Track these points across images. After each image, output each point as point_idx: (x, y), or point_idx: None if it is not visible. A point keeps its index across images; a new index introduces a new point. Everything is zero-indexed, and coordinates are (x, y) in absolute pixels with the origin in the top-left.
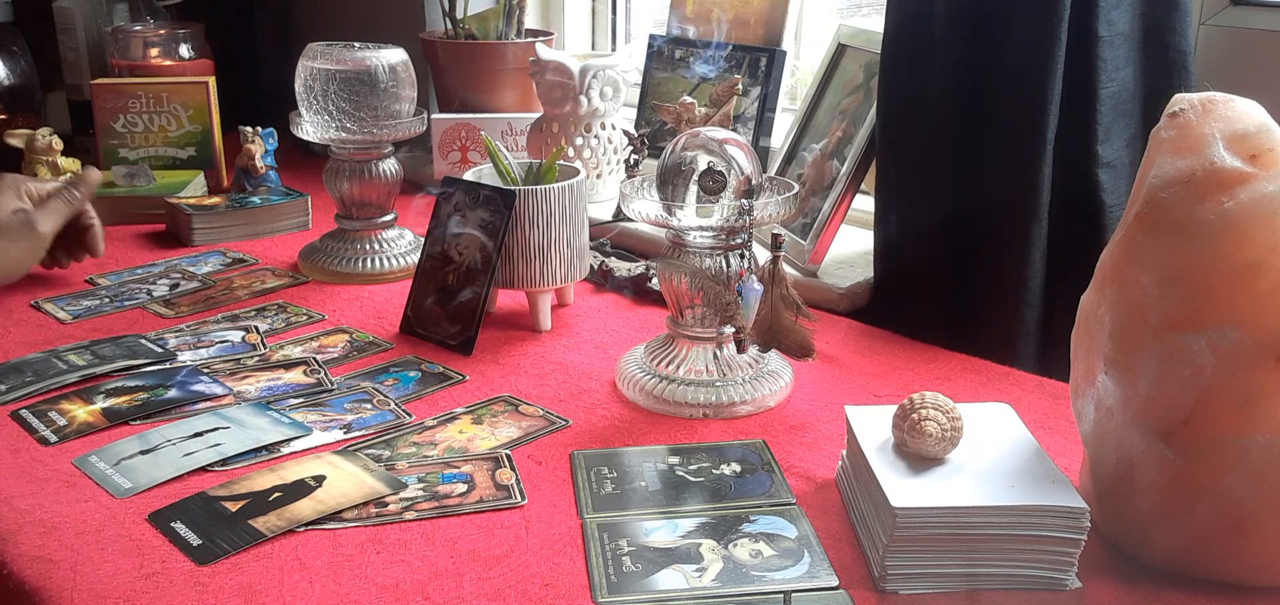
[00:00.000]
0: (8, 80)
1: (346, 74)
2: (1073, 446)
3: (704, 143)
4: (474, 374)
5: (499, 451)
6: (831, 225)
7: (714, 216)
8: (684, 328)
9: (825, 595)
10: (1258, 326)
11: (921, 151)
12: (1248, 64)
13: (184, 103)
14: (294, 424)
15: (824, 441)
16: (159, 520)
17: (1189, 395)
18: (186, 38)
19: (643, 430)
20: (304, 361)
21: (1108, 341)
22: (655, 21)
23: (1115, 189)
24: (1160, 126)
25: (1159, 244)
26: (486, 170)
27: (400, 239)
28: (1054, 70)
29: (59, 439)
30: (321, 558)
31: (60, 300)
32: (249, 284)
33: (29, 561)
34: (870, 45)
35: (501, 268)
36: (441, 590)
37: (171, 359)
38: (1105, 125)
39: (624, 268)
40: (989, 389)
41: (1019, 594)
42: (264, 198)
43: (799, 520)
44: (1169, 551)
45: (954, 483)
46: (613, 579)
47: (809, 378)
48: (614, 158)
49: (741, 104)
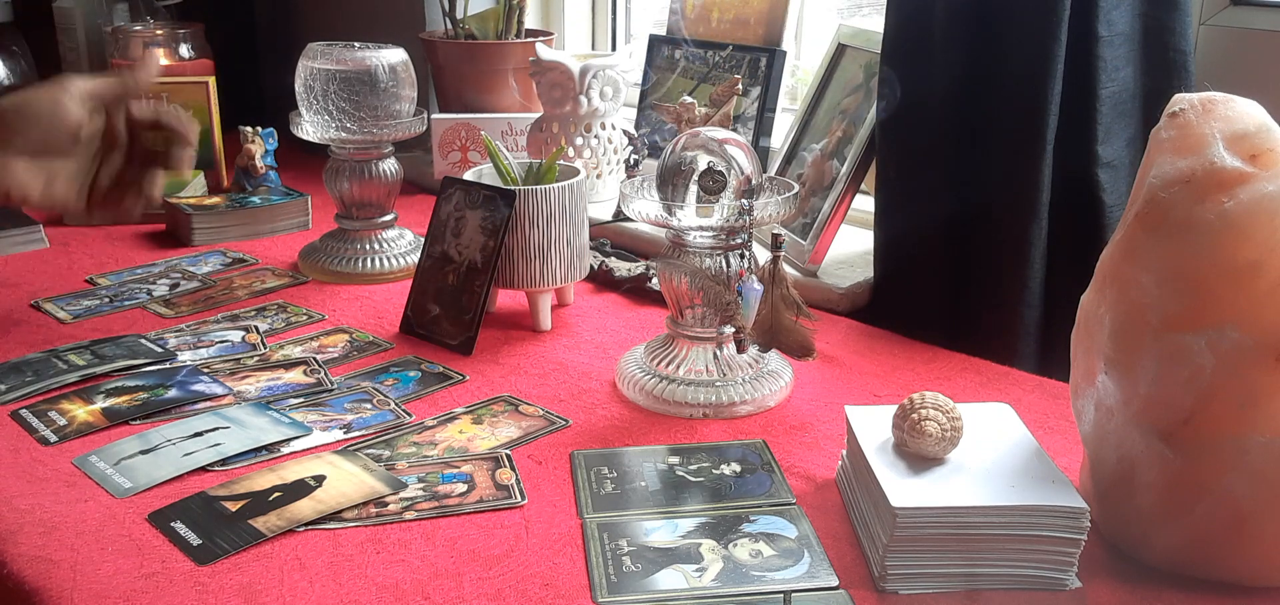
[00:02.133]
0: (8, 80)
1: (346, 74)
2: (1073, 446)
3: (704, 143)
4: (474, 374)
5: (499, 451)
6: (831, 225)
7: (714, 216)
8: (684, 328)
9: (825, 595)
10: (1258, 326)
11: (921, 151)
12: (1248, 64)
13: (184, 103)
14: (294, 424)
15: (824, 441)
16: (159, 520)
17: (1189, 395)
18: (186, 38)
19: (643, 430)
20: (304, 361)
21: (1108, 341)
22: (655, 21)
23: (1115, 189)
24: (1160, 126)
25: (1159, 244)
26: (486, 170)
27: (400, 239)
28: (1054, 70)
29: (59, 439)
30: (321, 558)
31: (60, 300)
32: (249, 284)
33: (29, 561)
34: (870, 45)
35: (501, 268)
36: (441, 590)
37: (171, 359)
38: (1105, 125)
39: (624, 268)
40: (989, 389)
41: (1019, 594)
42: (264, 198)
43: (799, 520)
44: (1169, 551)
45: (954, 483)
46: (613, 579)
47: (809, 378)
48: (614, 158)
49: (741, 104)
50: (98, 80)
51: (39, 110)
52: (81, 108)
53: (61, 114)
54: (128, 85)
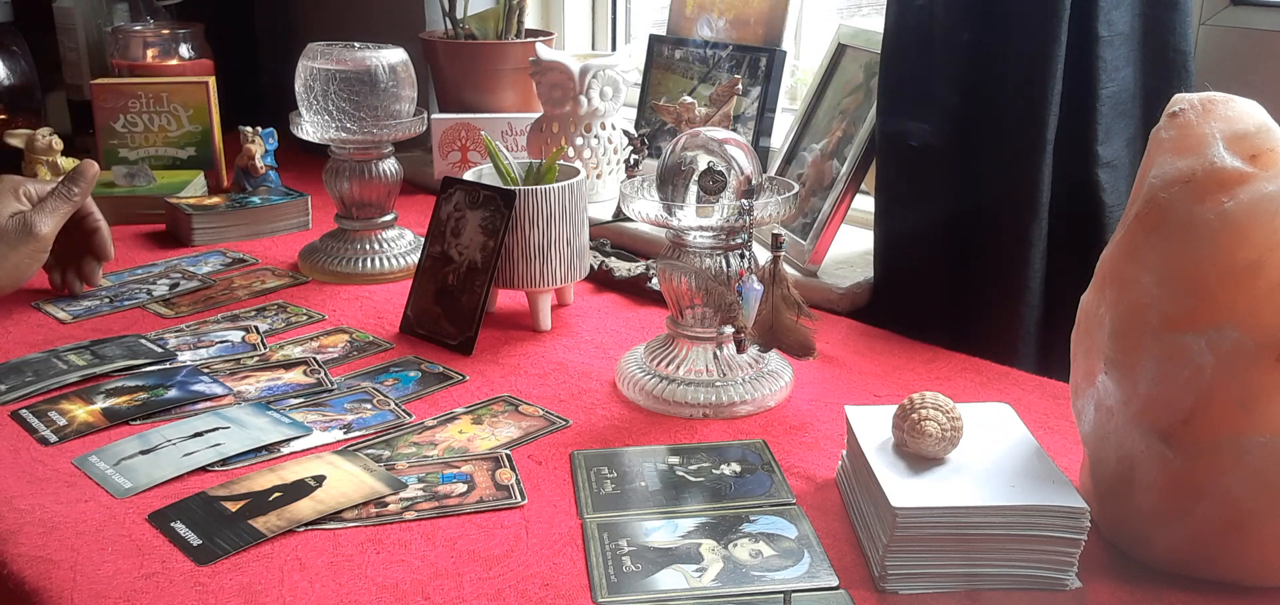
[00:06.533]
0: (8, 80)
1: (346, 74)
2: (1073, 446)
3: (704, 143)
4: (474, 374)
5: (499, 451)
6: (831, 225)
7: (714, 216)
8: (684, 328)
9: (825, 595)
10: (1258, 326)
11: (921, 151)
12: (1248, 64)
13: (184, 103)
14: (294, 424)
15: (824, 441)
16: (159, 520)
17: (1189, 395)
18: (186, 38)
19: (643, 430)
20: (304, 361)
21: (1108, 341)
22: (655, 21)
23: (1115, 189)
24: (1160, 126)
25: (1159, 244)
26: (486, 170)
27: (400, 239)
28: (1054, 70)
29: (59, 439)
30: (321, 558)
31: (60, 300)
32: (249, 284)
33: (29, 561)
34: (870, 45)
35: (501, 268)
36: (441, 590)
37: (171, 359)
38: (1105, 125)
39: (624, 268)
40: (989, 389)
41: (1019, 594)
42: (264, 198)
43: (799, 520)
44: (1169, 551)
45: (954, 483)
46: (613, 579)
47: (809, 378)
48: (614, 158)
49: (741, 104)
50: (39, 195)
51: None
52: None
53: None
54: (72, 199)
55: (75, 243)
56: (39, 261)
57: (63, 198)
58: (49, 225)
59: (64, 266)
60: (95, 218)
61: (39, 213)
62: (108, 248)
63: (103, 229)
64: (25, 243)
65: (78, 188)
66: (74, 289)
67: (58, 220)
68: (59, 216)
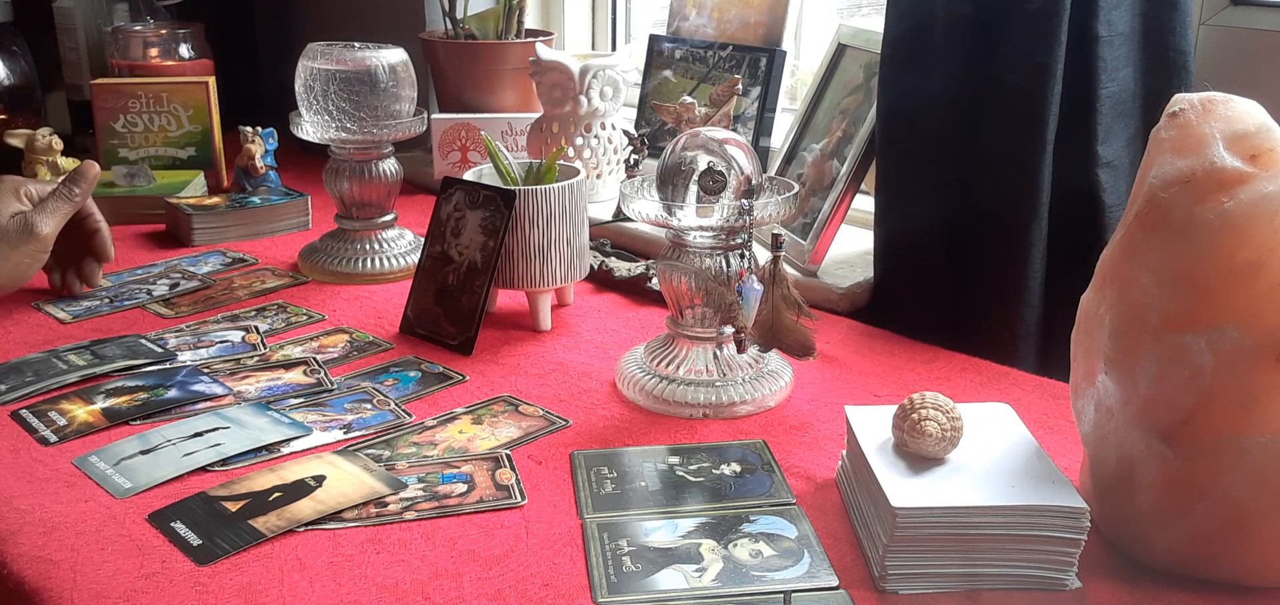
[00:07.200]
0: (8, 80)
1: (346, 74)
2: (1073, 446)
3: (704, 143)
4: (474, 374)
5: (499, 451)
6: (831, 225)
7: (714, 216)
8: (684, 328)
9: (825, 595)
10: (1258, 326)
11: (921, 151)
12: (1248, 64)
13: (184, 103)
14: (294, 424)
15: (824, 441)
16: (159, 520)
17: (1189, 395)
18: (186, 38)
19: (643, 430)
20: (304, 361)
21: (1108, 341)
22: (655, 21)
23: (1115, 189)
24: (1160, 126)
25: (1159, 244)
26: (486, 170)
27: (400, 239)
28: (1054, 70)
29: (59, 439)
30: (321, 558)
31: (60, 300)
32: (249, 284)
33: (29, 561)
34: (870, 45)
35: (501, 268)
36: (441, 590)
37: (171, 359)
38: (1105, 125)
39: (624, 268)
40: (989, 389)
41: (1019, 594)
42: (264, 198)
43: (799, 520)
44: (1169, 551)
45: (954, 483)
46: (613, 579)
47: (809, 378)
48: (614, 158)
49: (741, 104)
50: (39, 195)
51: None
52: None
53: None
54: (73, 200)
55: (75, 243)
56: (39, 262)
57: (63, 198)
58: (50, 226)
59: (64, 267)
60: (96, 219)
61: (40, 213)
62: (108, 249)
63: (103, 230)
64: (26, 243)
65: (78, 188)
66: (74, 289)
67: (58, 221)
68: (60, 217)
